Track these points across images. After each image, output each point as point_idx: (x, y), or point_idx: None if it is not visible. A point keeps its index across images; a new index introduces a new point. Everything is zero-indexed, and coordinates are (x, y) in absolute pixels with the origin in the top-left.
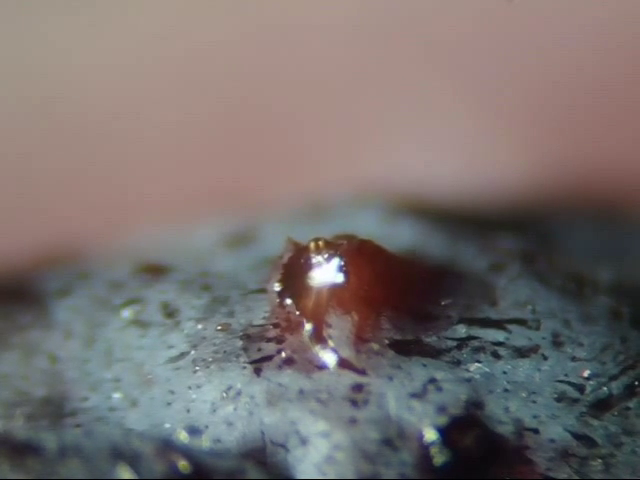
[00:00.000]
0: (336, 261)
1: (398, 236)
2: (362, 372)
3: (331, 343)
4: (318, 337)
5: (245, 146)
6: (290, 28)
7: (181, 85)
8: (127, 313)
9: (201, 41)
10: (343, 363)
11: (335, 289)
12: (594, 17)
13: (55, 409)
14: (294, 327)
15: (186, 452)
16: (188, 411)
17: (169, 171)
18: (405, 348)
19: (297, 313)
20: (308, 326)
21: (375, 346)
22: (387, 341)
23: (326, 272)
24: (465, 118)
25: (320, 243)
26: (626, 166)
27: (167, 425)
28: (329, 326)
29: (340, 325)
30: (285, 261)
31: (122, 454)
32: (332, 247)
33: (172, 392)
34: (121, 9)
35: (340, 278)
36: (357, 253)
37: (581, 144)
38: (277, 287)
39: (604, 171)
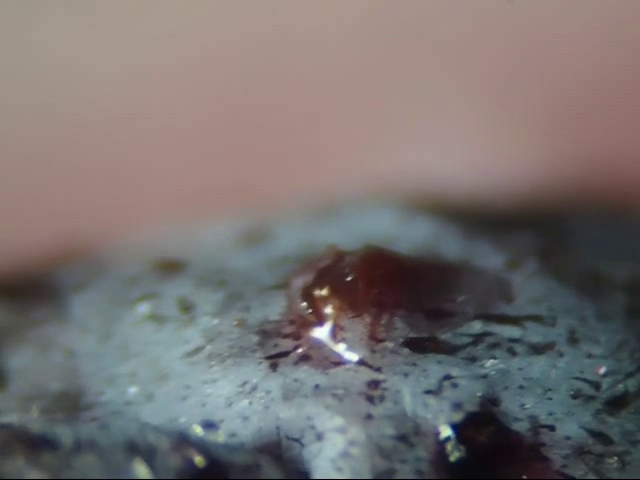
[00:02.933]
0: (347, 265)
1: (413, 234)
2: (377, 370)
3: (346, 344)
4: (334, 337)
5: (260, 144)
6: (301, 26)
7: (196, 83)
8: (143, 308)
9: (211, 39)
10: (358, 362)
11: (345, 292)
12: (603, 9)
13: (71, 403)
14: (311, 324)
15: (201, 446)
16: (203, 405)
17: (185, 168)
18: (420, 346)
19: (316, 310)
20: (326, 324)
21: (390, 345)
22: (402, 339)
23: (338, 276)
24: (480, 115)
25: (333, 250)
26: None
27: (182, 419)
28: (342, 329)
29: (353, 327)
30: (322, 265)
31: (137, 448)
32: (342, 254)
33: (188, 386)
34: (125, 9)
35: (350, 284)
36: (365, 260)
37: (598, 141)
38: (305, 286)
39: (620, 168)
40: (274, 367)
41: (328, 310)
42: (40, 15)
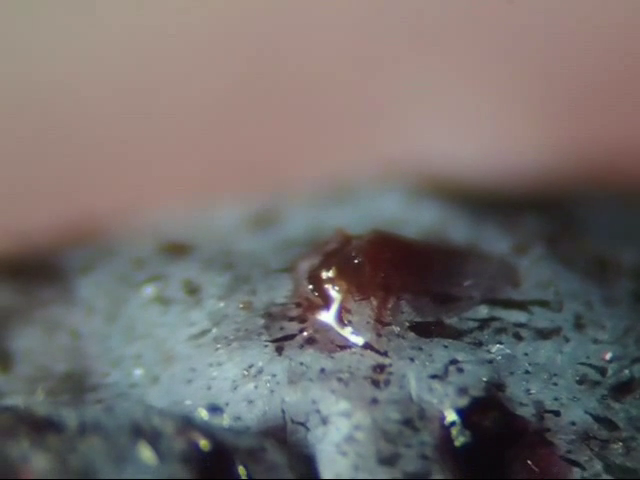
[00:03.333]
0: (354, 249)
1: (421, 218)
2: (383, 354)
3: (352, 328)
4: (340, 320)
5: (268, 127)
6: (312, 8)
7: (206, 65)
8: (149, 290)
9: (219, 21)
10: (364, 346)
11: (352, 275)
12: None
13: (76, 384)
14: (317, 307)
15: (206, 430)
16: (209, 388)
17: (193, 150)
18: (426, 330)
19: (322, 293)
20: (331, 309)
21: (396, 329)
22: (408, 323)
23: (345, 262)
24: (488, 100)
25: (341, 234)
26: None
27: (188, 402)
28: (348, 312)
29: (359, 310)
30: (329, 248)
31: (142, 432)
32: (349, 238)
33: (193, 369)
34: None
35: (357, 267)
36: (373, 243)
37: (606, 125)
38: (311, 269)
39: (629, 152)
40: (280, 350)
41: (334, 293)
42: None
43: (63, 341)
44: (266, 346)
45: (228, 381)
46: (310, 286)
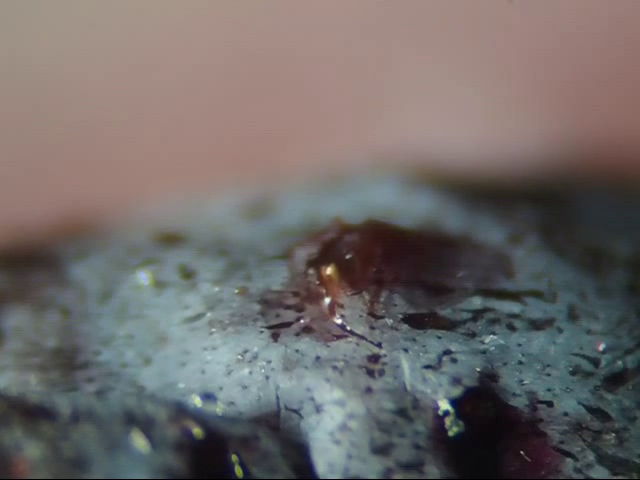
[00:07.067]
0: (346, 244)
1: (415, 207)
2: (377, 345)
3: (345, 321)
4: (333, 313)
5: (264, 114)
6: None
7: (200, 55)
8: (143, 273)
9: (217, 11)
10: (359, 336)
11: (345, 270)
12: None
13: (67, 361)
14: (314, 296)
15: (199, 417)
16: (203, 372)
17: (188, 139)
18: (420, 321)
19: (318, 285)
20: (326, 299)
21: (389, 321)
22: (401, 315)
23: (338, 253)
24: (484, 89)
25: (338, 223)
26: None
27: (181, 385)
28: (341, 306)
29: (352, 304)
30: (325, 238)
31: (135, 419)
32: (346, 227)
33: (187, 352)
34: None
35: (349, 260)
36: (366, 234)
37: (602, 115)
38: (308, 258)
39: (624, 143)
40: (275, 337)
41: (328, 285)
42: None
43: (55, 319)
44: (262, 332)
45: (222, 365)
46: (306, 275)
